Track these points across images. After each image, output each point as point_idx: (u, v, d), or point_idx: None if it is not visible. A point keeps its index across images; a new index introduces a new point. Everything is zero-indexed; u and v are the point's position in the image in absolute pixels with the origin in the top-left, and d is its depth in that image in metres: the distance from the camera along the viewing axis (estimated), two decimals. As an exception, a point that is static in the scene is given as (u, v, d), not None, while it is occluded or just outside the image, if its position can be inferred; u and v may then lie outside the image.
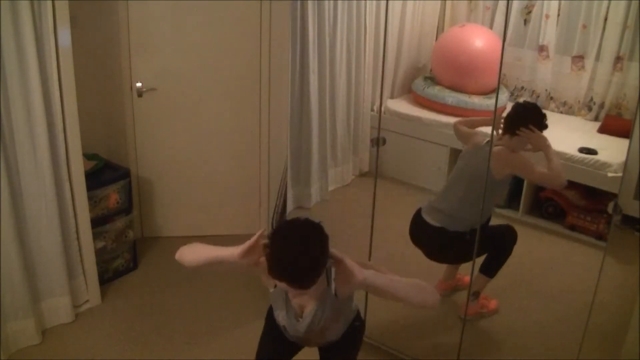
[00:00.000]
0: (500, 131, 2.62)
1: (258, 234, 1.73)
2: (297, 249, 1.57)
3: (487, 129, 2.62)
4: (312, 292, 1.78)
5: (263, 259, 1.73)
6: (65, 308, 2.91)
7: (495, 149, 2.53)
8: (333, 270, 1.78)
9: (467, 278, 3.02)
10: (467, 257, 2.62)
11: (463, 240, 2.63)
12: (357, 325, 2.07)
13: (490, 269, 2.77)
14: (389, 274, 1.82)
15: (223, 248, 1.80)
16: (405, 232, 2.91)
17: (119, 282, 3.31)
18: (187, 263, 1.89)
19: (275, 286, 1.84)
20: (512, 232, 2.76)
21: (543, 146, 2.49)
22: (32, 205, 2.69)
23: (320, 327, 1.87)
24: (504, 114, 2.67)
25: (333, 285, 1.79)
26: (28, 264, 2.73)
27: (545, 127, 2.52)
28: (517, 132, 2.53)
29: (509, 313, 2.98)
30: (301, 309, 1.86)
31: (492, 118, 2.58)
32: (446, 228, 2.69)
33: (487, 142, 2.59)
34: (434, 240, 2.77)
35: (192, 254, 1.89)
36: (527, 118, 2.55)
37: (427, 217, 2.76)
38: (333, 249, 1.71)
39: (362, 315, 2.77)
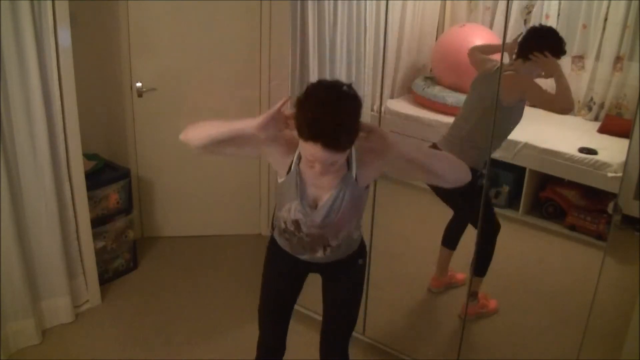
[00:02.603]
0: (513, 56, 2.51)
1: (281, 102, 1.62)
2: (334, 105, 1.49)
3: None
4: (329, 180, 1.71)
5: (282, 135, 1.68)
6: (65, 308, 2.91)
7: (505, 73, 2.42)
8: (354, 154, 1.72)
9: (461, 275, 3.03)
10: (472, 204, 2.52)
11: (474, 179, 2.53)
12: (360, 265, 2.02)
13: (480, 268, 2.76)
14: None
15: (237, 121, 1.67)
16: (405, 232, 2.91)
17: (119, 282, 3.31)
18: (195, 142, 1.72)
19: (289, 172, 1.74)
20: (495, 221, 2.73)
21: (555, 72, 2.38)
22: (32, 205, 2.69)
23: (337, 219, 1.76)
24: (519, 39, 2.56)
25: (354, 170, 1.72)
26: (28, 264, 2.73)
27: (563, 53, 2.41)
28: (530, 56, 2.42)
29: (509, 313, 2.98)
30: (315, 202, 1.76)
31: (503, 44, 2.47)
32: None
33: (497, 68, 2.48)
34: None
35: (201, 130, 1.72)
36: (543, 42, 2.44)
37: (443, 149, 2.68)
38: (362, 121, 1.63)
39: (362, 314, 2.78)
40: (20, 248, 2.65)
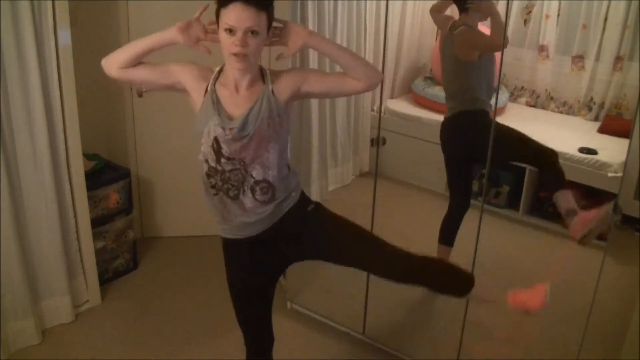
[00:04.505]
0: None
1: (201, 9, 1.79)
2: None
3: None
4: (246, 98, 1.76)
5: (203, 40, 1.78)
6: (65, 308, 2.91)
7: (456, 31, 2.66)
8: (269, 72, 1.81)
9: None
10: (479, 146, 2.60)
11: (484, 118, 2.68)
12: (311, 210, 1.92)
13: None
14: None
15: (158, 34, 1.79)
16: (405, 232, 2.91)
17: (119, 282, 3.31)
18: (115, 62, 1.81)
19: (206, 92, 1.77)
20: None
21: (490, 11, 2.59)
22: (32, 205, 2.69)
23: (255, 133, 1.73)
24: None
25: (270, 85, 1.78)
26: (28, 264, 2.73)
27: None
28: (467, 6, 2.63)
29: (509, 313, 2.97)
30: (232, 118, 1.76)
31: None
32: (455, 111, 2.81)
33: (451, 27, 2.72)
34: (449, 127, 2.87)
35: (121, 50, 1.81)
36: None
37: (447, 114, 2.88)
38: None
39: (362, 314, 2.78)
40: (20, 248, 2.65)
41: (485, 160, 2.47)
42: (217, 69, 1.82)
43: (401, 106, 3.54)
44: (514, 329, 2.90)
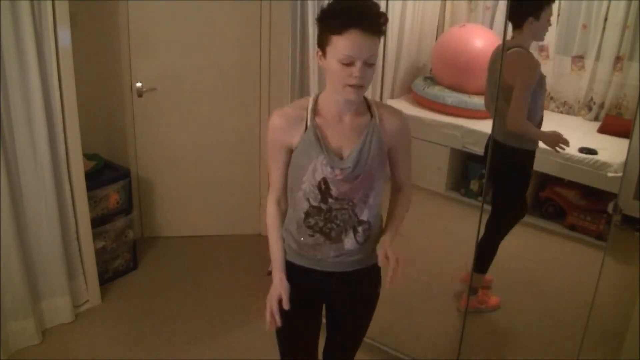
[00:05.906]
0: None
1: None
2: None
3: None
4: (351, 128, 1.65)
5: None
6: (65, 308, 2.91)
7: (509, 51, 2.49)
8: (374, 104, 1.71)
9: (489, 277, 3.01)
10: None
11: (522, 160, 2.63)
12: (378, 293, 1.93)
13: (480, 265, 2.76)
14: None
15: (275, 255, 1.74)
16: (404, 232, 2.90)
17: (119, 282, 3.31)
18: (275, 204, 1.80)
19: (306, 130, 1.63)
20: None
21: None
22: (32, 205, 2.69)
23: (367, 169, 1.65)
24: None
25: (377, 120, 1.67)
26: (28, 264, 2.73)
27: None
28: (521, 25, 2.51)
29: (509, 313, 2.98)
30: (340, 154, 1.65)
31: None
32: (505, 143, 2.66)
33: (498, 47, 2.58)
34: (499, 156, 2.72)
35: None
36: (526, 7, 2.50)
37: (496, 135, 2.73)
38: None
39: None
40: (20, 248, 2.65)
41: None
42: (311, 99, 1.68)
43: (401, 106, 3.53)
44: (514, 329, 2.90)
